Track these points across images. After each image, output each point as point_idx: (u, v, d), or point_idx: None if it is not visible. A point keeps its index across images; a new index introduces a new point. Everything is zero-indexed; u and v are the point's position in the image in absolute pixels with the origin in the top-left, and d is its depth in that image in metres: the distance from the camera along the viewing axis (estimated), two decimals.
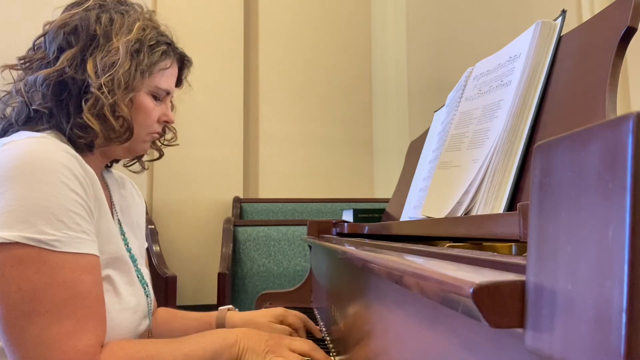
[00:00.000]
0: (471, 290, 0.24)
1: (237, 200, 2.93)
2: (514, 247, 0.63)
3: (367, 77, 3.34)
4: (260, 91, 3.21)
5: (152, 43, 0.86)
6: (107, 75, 0.79)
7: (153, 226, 2.30)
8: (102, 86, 0.79)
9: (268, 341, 0.85)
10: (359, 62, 3.32)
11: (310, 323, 1.13)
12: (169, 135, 1.02)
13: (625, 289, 0.18)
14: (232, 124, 3.07)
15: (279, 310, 1.10)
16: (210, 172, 3.00)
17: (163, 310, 1.12)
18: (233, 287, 2.31)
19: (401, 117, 2.96)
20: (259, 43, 3.22)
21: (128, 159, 1.01)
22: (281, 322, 1.07)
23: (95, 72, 0.80)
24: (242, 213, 2.90)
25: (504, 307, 0.25)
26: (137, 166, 1.04)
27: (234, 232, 2.39)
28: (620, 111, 0.30)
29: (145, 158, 1.03)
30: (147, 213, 2.94)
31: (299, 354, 0.85)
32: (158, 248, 2.22)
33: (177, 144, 1.05)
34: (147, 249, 1.09)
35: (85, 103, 0.80)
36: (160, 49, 0.87)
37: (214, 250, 2.77)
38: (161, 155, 1.04)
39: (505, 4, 1.92)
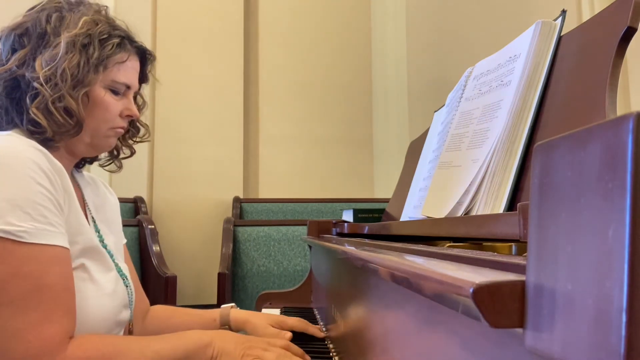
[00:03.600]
0: (471, 290, 0.24)
1: (237, 200, 2.93)
2: (514, 247, 0.63)
3: (367, 77, 3.34)
4: (260, 91, 3.21)
5: (103, 37, 0.85)
6: (47, 68, 0.79)
7: (153, 226, 2.30)
8: (44, 80, 0.79)
9: (244, 344, 0.84)
10: (358, 62, 3.32)
11: (311, 327, 1.10)
12: (141, 132, 1.01)
13: (625, 289, 0.18)
14: (232, 124, 3.07)
15: (278, 316, 1.09)
16: (210, 172, 3.00)
17: (161, 308, 1.12)
18: (233, 287, 2.31)
19: (401, 117, 2.96)
20: (259, 43, 3.22)
21: (105, 160, 1.01)
22: (280, 327, 1.05)
23: (42, 68, 0.80)
24: (242, 213, 2.90)
25: (504, 307, 0.25)
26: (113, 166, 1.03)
27: (234, 232, 2.39)
28: (620, 111, 0.30)
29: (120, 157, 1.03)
30: (146, 213, 2.92)
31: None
32: (158, 248, 2.22)
33: (149, 140, 1.04)
34: (149, 249, 1.08)
35: (32, 99, 0.80)
36: (112, 42, 0.86)
37: (214, 250, 2.77)
38: (132, 153, 1.02)
39: (505, 4, 1.92)
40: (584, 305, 0.20)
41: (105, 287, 0.84)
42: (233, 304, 1.12)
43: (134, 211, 2.76)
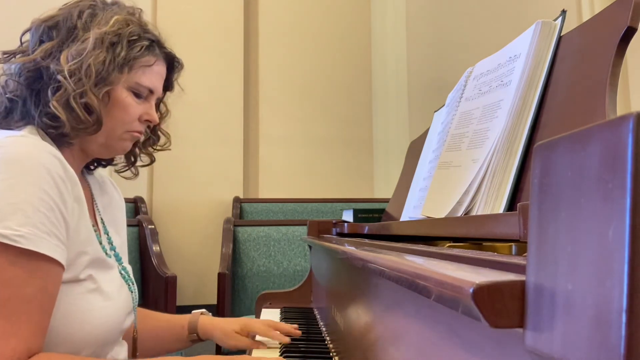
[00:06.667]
0: (471, 290, 0.24)
1: (237, 200, 2.93)
2: (514, 247, 0.63)
3: (367, 77, 3.34)
4: (260, 91, 3.21)
5: (132, 38, 0.85)
6: (72, 62, 0.79)
7: (153, 226, 2.30)
8: (69, 74, 0.78)
9: None
10: (359, 62, 3.32)
11: (281, 325, 1.08)
12: (162, 141, 1.01)
13: (625, 289, 0.18)
14: (232, 124, 3.07)
15: (243, 320, 1.08)
16: (210, 172, 3.00)
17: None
18: (233, 287, 2.31)
19: (401, 117, 2.96)
20: (259, 43, 3.22)
21: (122, 165, 1.00)
22: (247, 332, 1.04)
23: (67, 62, 0.80)
24: (242, 213, 2.89)
25: (504, 307, 0.25)
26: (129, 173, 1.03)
27: (234, 232, 2.39)
28: (620, 111, 0.30)
29: (137, 164, 1.02)
30: (146, 213, 2.91)
31: None
32: (158, 248, 2.22)
33: (170, 149, 1.03)
34: (149, 249, 1.08)
35: (53, 92, 0.79)
36: (140, 44, 0.86)
37: (214, 250, 2.77)
38: (152, 161, 1.02)
39: (505, 4, 1.92)
40: (584, 305, 0.20)
41: (111, 297, 0.82)
42: (203, 310, 1.10)
43: (134, 211, 2.76)
